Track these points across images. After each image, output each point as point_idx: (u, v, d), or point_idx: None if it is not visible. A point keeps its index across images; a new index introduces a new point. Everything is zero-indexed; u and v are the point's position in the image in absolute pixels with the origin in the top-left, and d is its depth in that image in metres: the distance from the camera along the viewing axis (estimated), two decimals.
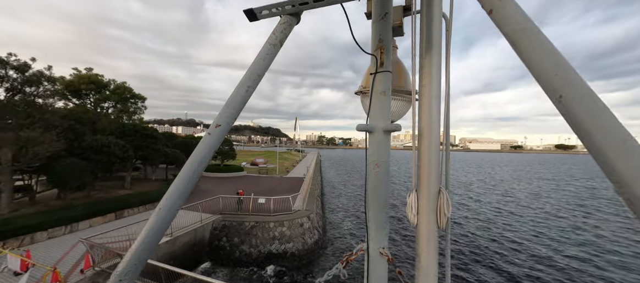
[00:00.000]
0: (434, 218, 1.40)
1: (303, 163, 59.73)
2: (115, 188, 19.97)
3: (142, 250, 0.91)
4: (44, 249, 11.41)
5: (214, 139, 1.10)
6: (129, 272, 0.86)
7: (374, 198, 1.53)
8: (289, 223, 16.32)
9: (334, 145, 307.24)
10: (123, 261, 0.89)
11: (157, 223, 0.95)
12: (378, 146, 1.52)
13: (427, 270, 1.40)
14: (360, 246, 1.58)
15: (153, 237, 0.93)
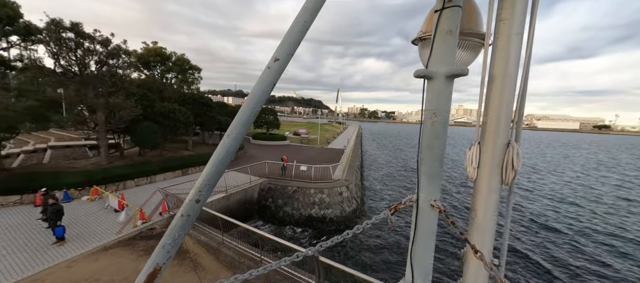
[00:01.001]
0: (497, 173, 1.33)
1: (344, 135, 59.81)
2: (180, 150, 23.06)
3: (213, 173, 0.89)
4: (133, 194, 14.14)
5: (274, 73, 1.03)
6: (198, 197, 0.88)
7: (429, 149, 1.46)
8: (328, 190, 17.03)
9: (376, 118, 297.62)
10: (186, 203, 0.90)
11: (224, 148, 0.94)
12: (438, 93, 1.41)
13: (483, 227, 1.36)
14: (410, 197, 1.57)
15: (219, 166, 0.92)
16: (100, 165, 16.05)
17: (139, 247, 8.87)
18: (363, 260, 13.18)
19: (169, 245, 0.79)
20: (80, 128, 16.75)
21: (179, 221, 0.78)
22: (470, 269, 1.43)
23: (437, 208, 1.45)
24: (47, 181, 13.03)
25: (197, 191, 0.80)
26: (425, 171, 1.49)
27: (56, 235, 8.75)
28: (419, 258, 1.49)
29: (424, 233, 1.49)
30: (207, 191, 0.82)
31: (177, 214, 0.80)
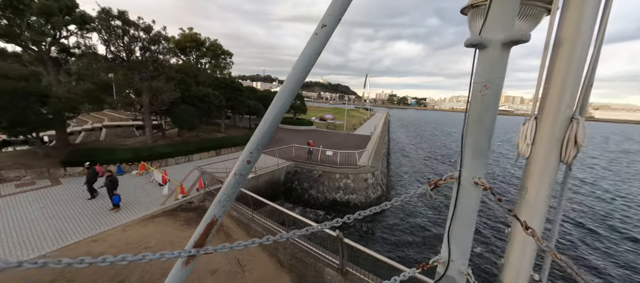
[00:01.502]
0: (556, 150, 1.23)
1: (371, 121, 58.62)
2: (214, 132, 24.50)
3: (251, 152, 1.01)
4: (173, 171, 15.49)
5: (321, 39, 1.02)
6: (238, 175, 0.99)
7: (478, 122, 1.37)
8: (353, 176, 17.08)
9: (406, 105, 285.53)
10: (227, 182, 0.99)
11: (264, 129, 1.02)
12: (491, 63, 1.31)
13: (534, 205, 1.30)
14: (451, 174, 1.51)
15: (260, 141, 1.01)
16: (145, 144, 17.72)
17: (180, 218, 9.82)
18: (392, 239, 13.24)
19: (224, 200, 0.87)
20: (129, 109, 18.50)
21: (233, 179, 0.87)
22: (515, 247, 1.38)
23: (482, 186, 1.39)
24: (104, 156, 14.76)
25: (248, 152, 0.87)
26: (471, 146, 1.42)
27: (113, 203, 10.02)
28: (457, 236, 1.46)
29: (464, 211, 1.45)
30: (257, 152, 0.88)
31: (232, 173, 0.89)
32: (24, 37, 13.61)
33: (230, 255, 7.80)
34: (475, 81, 1.36)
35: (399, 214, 17.09)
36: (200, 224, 0.84)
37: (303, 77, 1.02)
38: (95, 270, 6.70)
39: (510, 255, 1.41)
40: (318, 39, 1.04)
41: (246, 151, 0.90)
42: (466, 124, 1.41)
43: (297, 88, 1.03)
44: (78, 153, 14.61)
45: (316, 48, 1.04)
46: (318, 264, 6.80)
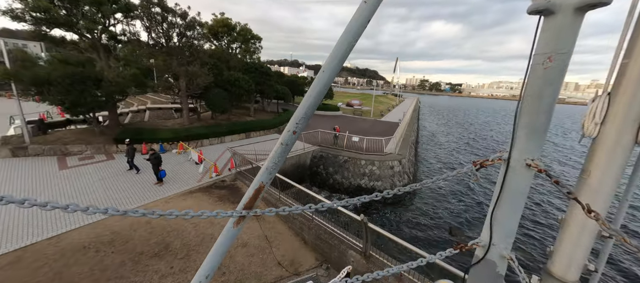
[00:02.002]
0: (632, 130, 1.11)
1: (399, 108, 56.55)
2: (244, 115, 25.49)
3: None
4: (207, 151, 16.57)
5: (370, 8, 0.98)
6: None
7: (535, 99, 1.24)
8: (379, 163, 16.86)
9: (439, 91, 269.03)
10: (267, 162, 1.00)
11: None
12: (558, 32, 1.14)
13: (598, 189, 1.21)
14: (499, 154, 1.41)
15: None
16: (183, 125, 19.06)
17: (214, 194, 10.61)
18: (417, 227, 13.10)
19: (271, 167, 0.93)
20: (168, 93, 19.89)
21: (279, 148, 0.93)
22: (570, 233, 1.30)
23: (535, 168, 1.28)
24: (148, 135, 16.21)
25: (294, 123, 0.91)
26: (526, 125, 1.29)
27: (159, 177, 11.10)
28: (502, 220, 1.39)
29: (512, 194, 1.36)
30: (303, 123, 0.92)
31: (278, 142, 0.95)
32: (80, 26, 15.07)
33: (259, 231, 8.32)
34: (536, 52, 1.23)
35: (427, 202, 16.67)
36: (249, 189, 0.91)
37: (351, 46, 0.98)
38: (148, 234, 7.58)
39: (563, 241, 1.33)
40: (367, 8, 0.99)
41: (292, 122, 0.93)
42: (522, 102, 1.29)
43: (344, 58, 1.00)
44: (127, 132, 16.21)
45: (365, 17, 0.99)
46: (341, 246, 6.99)
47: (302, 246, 7.97)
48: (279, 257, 7.23)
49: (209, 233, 7.87)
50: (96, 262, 6.39)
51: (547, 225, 14.96)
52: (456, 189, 19.36)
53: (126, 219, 8.42)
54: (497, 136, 42.98)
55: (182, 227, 8.03)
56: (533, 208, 16.87)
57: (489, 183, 20.77)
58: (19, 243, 6.91)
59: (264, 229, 8.44)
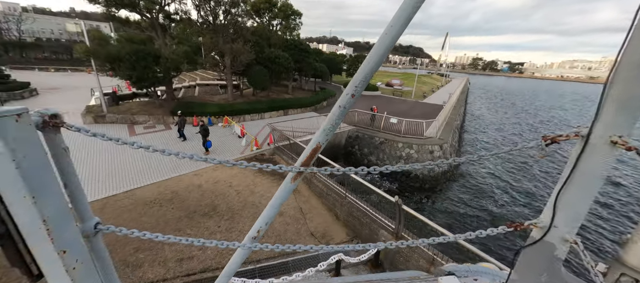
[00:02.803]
0: None
1: (445, 89, 52.27)
2: (282, 93, 26.16)
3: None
4: (248, 126, 17.62)
5: None
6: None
7: (637, 68, 1.08)
8: (417, 147, 16.17)
9: (494, 71, 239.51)
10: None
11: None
12: None
13: None
14: (576, 129, 1.25)
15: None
16: (227, 101, 20.39)
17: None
18: (454, 214, 12.63)
19: (328, 129, 0.93)
20: (214, 70, 21.23)
21: (337, 111, 0.91)
22: None
23: (622, 145, 1.10)
24: (198, 108, 17.75)
25: (353, 86, 0.90)
26: (618, 97, 1.13)
27: (206, 147, 12.29)
28: (570, 201, 1.24)
29: (587, 175, 1.21)
30: (362, 86, 0.89)
31: (336, 105, 0.93)
32: (141, 6, 16.60)
33: (294, 203, 8.83)
34: None
35: (466, 192, 15.71)
36: (307, 148, 0.96)
37: (417, 7, 0.91)
38: (200, 197, 8.62)
39: None
40: None
41: (351, 85, 0.91)
42: (615, 71, 1.08)
43: (409, 19, 0.93)
44: (181, 105, 17.97)
45: None
46: (373, 225, 7.10)
47: (334, 221, 8.29)
48: (312, 228, 7.66)
49: (250, 201, 8.62)
50: (160, 214, 7.54)
51: (619, 209, 13.17)
52: (501, 183, 17.82)
53: (183, 181, 9.62)
54: (562, 124, 37.43)
55: (227, 193, 8.92)
56: (607, 189, 15.04)
57: (535, 180, 18.64)
58: (104, 193, 8.45)
59: (299, 202, 8.93)
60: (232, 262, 1.09)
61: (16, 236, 0.68)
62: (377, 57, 0.89)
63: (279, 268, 6.10)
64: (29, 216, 0.69)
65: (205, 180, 9.80)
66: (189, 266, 5.94)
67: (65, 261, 0.76)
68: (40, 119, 0.70)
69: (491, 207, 14.32)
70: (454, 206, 14.15)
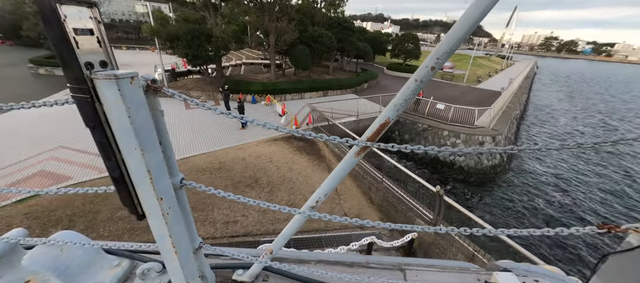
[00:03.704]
0: None
1: (505, 73, 46.21)
2: (323, 74, 26.00)
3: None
4: (289, 105, 18.10)
5: None
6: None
7: None
8: (466, 136, 14.88)
9: (572, 53, 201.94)
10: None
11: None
12: None
13: None
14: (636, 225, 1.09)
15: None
16: (270, 80, 21.06)
17: (293, 145, 11.83)
18: (502, 214, 11.66)
19: (400, 104, 0.85)
20: (259, 49, 21.90)
21: (413, 85, 0.82)
22: None
23: None
24: (244, 86, 18.72)
25: (434, 58, 0.76)
26: None
27: (242, 124, 13.16)
28: None
29: None
30: (444, 58, 0.77)
31: (412, 78, 0.82)
32: None
33: None
34: None
35: (520, 191, 14.16)
36: (374, 123, 0.91)
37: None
38: (244, 169, 9.33)
39: None
40: None
41: (432, 57, 0.80)
42: None
43: None
44: (228, 82, 19.14)
45: None
46: (409, 212, 6.92)
47: (368, 204, 8.29)
48: (346, 209, 7.79)
49: (288, 177, 9.05)
50: (210, 182, 8.39)
51: None
52: (564, 183, 15.57)
53: (229, 154, 10.48)
54: None
55: (267, 168, 9.48)
56: None
57: (609, 182, 15.80)
58: None
59: None
60: (289, 227, 1.15)
61: (128, 181, 0.85)
62: (468, 27, 0.73)
63: (312, 241, 6.41)
64: (138, 166, 0.82)
65: (249, 154, 10.51)
66: (233, 229, 6.60)
67: (162, 206, 0.90)
68: (145, 84, 0.79)
69: (551, 211, 12.73)
70: (504, 204, 12.94)
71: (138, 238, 6.13)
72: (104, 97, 0.73)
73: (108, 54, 0.77)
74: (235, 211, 7.15)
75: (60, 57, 0.70)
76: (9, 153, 9.50)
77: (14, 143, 10.26)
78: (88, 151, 9.95)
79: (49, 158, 9.36)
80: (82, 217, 6.56)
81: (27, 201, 6.98)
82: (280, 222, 6.99)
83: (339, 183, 1.05)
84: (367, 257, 1.66)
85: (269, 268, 1.38)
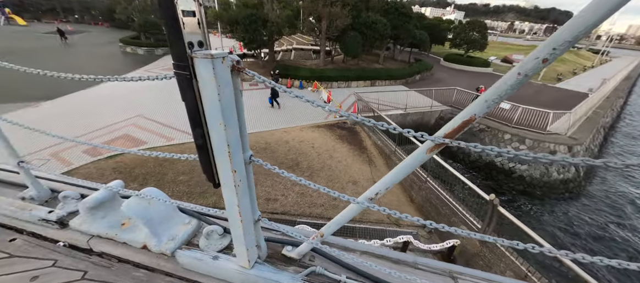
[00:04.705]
0: None
1: (596, 71, 38.32)
2: (372, 62, 25.06)
3: None
4: (335, 93, 18.04)
5: None
6: None
7: None
8: (533, 142, 12.98)
9: None
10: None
11: None
12: None
13: None
14: None
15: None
16: (318, 66, 21.17)
17: (336, 132, 11.86)
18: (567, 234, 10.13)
19: (492, 100, 0.73)
20: (310, 35, 22.03)
21: (513, 79, 0.68)
22: None
23: None
24: (293, 71, 19.23)
25: (549, 48, 0.58)
26: None
27: (270, 103, 13.73)
28: None
29: None
30: (563, 48, 0.55)
31: (512, 71, 0.69)
32: None
33: (369, 175, 8.86)
34: None
35: (601, 209, 11.94)
36: (456, 118, 0.79)
37: None
38: (287, 152, 9.77)
39: None
40: None
41: (546, 47, 0.65)
42: None
43: None
44: (279, 67, 19.89)
45: None
46: (453, 217, 6.44)
47: (407, 203, 7.95)
48: (383, 204, 7.60)
49: (327, 164, 9.17)
50: None
51: None
52: None
53: (274, 136, 11.04)
54: None
55: (309, 153, 9.73)
56: None
57: None
58: None
59: (374, 174, 8.91)
60: (343, 215, 1.15)
61: (210, 152, 0.96)
62: (607, 9, 0.53)
63: (346, 231, 6.46)
64: (220, 139, 0.91)
65: (292, 138, 10.91)
66: (273, 206, 7.03)
67: (235, 178, 1.00)
68: (231, 64, 0.85)
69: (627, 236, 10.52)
70: (571, 226, 11.11)
71: (193, 201, 6.99)
72: (200, 74, 0.80)
73: (204, 35, 0.83)
74: (276, 190, 7.58)
75: (169, 36, 0.78)
76: (102, 117, 11.58)
77: (105, 110, 12.44)
78: (159, 121, 11.52)
79: (131, 125, 11.14)
80: (153, 177, 7.73)
81: (114, 158, 8.48)
82: (317, 206, 7.19)
83: (402, 178, 1.00)
84: (414, 256, 1.61)
85: (317, 250, 1.44)
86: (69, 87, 14.48)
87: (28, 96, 13.28)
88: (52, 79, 1.18)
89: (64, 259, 1.38)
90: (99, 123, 11.03)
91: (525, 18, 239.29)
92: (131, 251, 1.42)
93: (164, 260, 1.39)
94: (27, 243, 1.46)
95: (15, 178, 1.88)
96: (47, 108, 12.35)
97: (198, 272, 1.35)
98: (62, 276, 1.28)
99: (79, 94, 14.20)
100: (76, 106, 12.69)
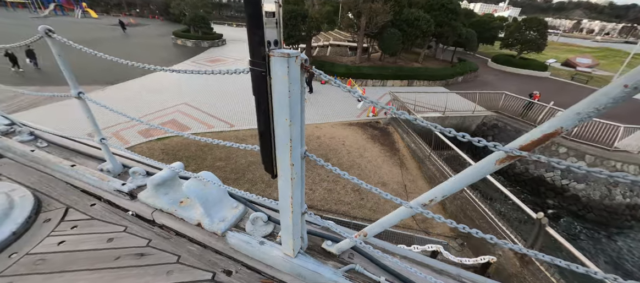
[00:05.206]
0: None
1: None
2: (412, 61, 24.00)
3: None
4: (369, 91, 17.71)
5: None
6: None
7: None
8: (594, 159, 11.46)
9: None
10: None
11: None
12: None
13: None
14: None
15: None
16: (354, 63, 20.91)
17: (368, 132, 11.69)
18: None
19: (586, 114, 0.64)
20: (348, 31, 21.78)
21: (617, 91, 0.58)
22: None
23: None
24: (328, 67, 19.27)
25: None
26: None
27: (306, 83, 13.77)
28: None
29: None
30: None
31: (617, 82, 0.59)
32: None
33: (399, 178, 8.61)
34: None
35: None
36: (535, 130, 0.71)
37: None
38: (318, 147, 9.91)
39: None
40: None
41: None
42: None
43: None
44: (315, 62, 20.07)
45: None
46: (490, 233, 5.98)
47: (439, 211, 7.58)
48: None
49: (357, 163, 9.11)
50: None
51: None
52: None
53: (306, 130, 11.24)
54: None
55: (339, 150, 9.75)
56: None
57: None
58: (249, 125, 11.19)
59: (405, 179, 8.63)
60: (390, 218, 1.10)
61: (272, 144, 1.04)
62: None
63: None
64: (284, 133, 0.98)
65: (324, 134, 11.01)
66: None
67: (291, 171, 1.06)
68: (301, 63, 0.88)
69: None
70: (632, 258, 9.64)
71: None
72: (275, 72, 0.85)
73: (280, 34, 0.88)
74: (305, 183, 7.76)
75: (251, 34, 0.84)
76: (153, 104, 12.82)
77: (156, 97, 13.74)
78: (201, 109, 12.42)
79: (177, 111, 12.18)
80: (194, 160, 8.41)
81: (163, 140, 9.38)
82: (343, 204, 7.20)
83: (463, 188, 0.94)
84: (458, 269, 1.56)
85: (357, 248, 1.47)
86: (129, 73, 16.26)
87: (97, 80, 15.23)
88: (114, 65, 1.35)
89: (132, 226, 1.60)
90: (151, 107, 12.26)
91: (596, 15, 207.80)
92: (187, 227, 1.59)
93: (215, 239, 1.53)
94: (104, 209, 1.72)
95: (96, 152, 2.20)
96: (110, 92, 14.05)
97: (245, 254, 1.47)
98: (131, 241, 1.49)
99: (134, 82, 15.90)
100: (132, 92, 14.24)
